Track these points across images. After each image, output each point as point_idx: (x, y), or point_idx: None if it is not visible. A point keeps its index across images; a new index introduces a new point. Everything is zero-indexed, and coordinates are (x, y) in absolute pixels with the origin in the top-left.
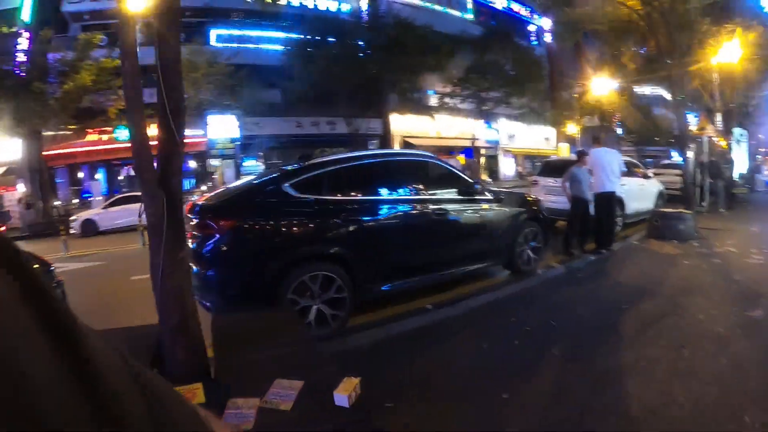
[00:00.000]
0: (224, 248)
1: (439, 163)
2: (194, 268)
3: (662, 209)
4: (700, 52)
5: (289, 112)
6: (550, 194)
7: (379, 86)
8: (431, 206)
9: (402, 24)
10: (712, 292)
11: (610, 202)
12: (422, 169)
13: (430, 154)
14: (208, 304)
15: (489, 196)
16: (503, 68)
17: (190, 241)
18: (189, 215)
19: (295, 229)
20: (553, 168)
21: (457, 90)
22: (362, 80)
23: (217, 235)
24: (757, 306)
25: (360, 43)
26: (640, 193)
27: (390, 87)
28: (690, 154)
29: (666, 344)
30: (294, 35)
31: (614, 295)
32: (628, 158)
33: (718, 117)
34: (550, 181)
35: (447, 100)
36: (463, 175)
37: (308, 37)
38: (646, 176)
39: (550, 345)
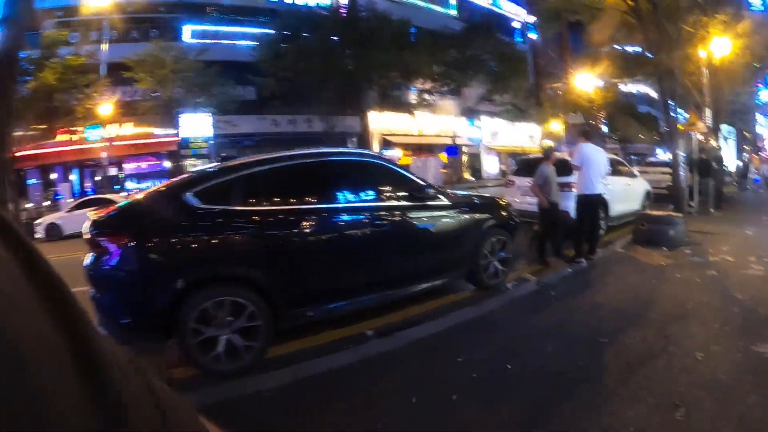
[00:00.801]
0: (115, 268)
1: (383, 163)
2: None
3: (650, 212)
4: (690, 44)
5: (264, 109)
6: (527, 195)
7: (357, 83)
8: (369, 215)
9: (378, 18)
10: (710, 318)
11: (595, 205)
12: (360, 171)
13: (371, 153)
14: (106, 333)
15: (445, 201)
16: (485, 64)
17: (87, 258)
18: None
19: (195, 246)
20: (531, 166)
21: (437, 86)
22: (339, 76)
23: (108, 253)
24: (766, 338)
25: (335, 37)
26: (625, 194)
27: (368, 83)
28: (680, 152)
29: (654, 401)
30: (269, 30)
31: (591, 324)
32: (613, 156)
33: (708, 113)
34: (527, 182)
35: (427, 96)
36: (413, 177)
37: (283, 32)
38: (632, 175)
39: (499, 402)
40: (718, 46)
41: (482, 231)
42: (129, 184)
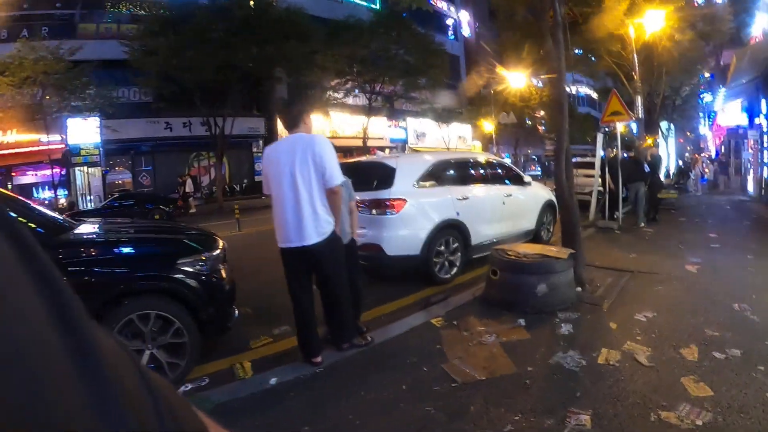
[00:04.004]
0: None
1: None
2: None
3: (510, 248)
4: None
5: (159, 112)
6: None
7: (252, 80)
8: None
9: (258, 5)
10: None
11: (320, 264)
12: None
13: None
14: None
15: None
16: (397, 57)
17: None
18: None
19: None
20: (363, 172)
21: (342, 83)
22: (219, 72)
23: None
24: None
25: (215, 28)
26: (503, 209)
27: (268, 81)
28: (596, 158)
29: None
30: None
31: None
32: (479, 155)
33: (639, 101)
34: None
35: (332, 93)
36: None
37: (153, 25)
38: (520, 181)
39: None
40: (650, 21)
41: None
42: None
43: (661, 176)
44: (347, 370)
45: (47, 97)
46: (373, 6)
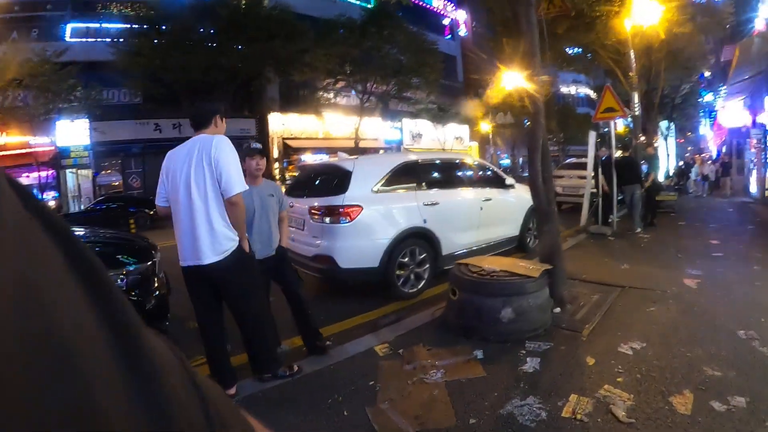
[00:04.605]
0: None
1: None
2: None
3: (471, 265)
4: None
5: (148, 114)
6: (298, 228)
7: (242, 81)
8: None
9: (245, 3)
10: None
11: (221, 286)
12: None
13: None
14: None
15: None
16: (389, 56)
17: None
18: None
19: None
20: (317, 177)
21: (333, 82)
22: (209, 72)
23: None
24: None
25: (201, 29)
26: (481, 215)
27: (257, 81)
28: (588, 158)
29: None
30: (139, 25)
31: None
32: (454, 156)
33: (636, 98)
34: (296, 206)
35: (323, 93)
36: None
37: (136, 25)
38: (501, 184)
39: None
40: (648, 12)
41: None
42: None
43: (660, 177)
44: (259, 407)
45: (34, 99)
46: (366, 5)
